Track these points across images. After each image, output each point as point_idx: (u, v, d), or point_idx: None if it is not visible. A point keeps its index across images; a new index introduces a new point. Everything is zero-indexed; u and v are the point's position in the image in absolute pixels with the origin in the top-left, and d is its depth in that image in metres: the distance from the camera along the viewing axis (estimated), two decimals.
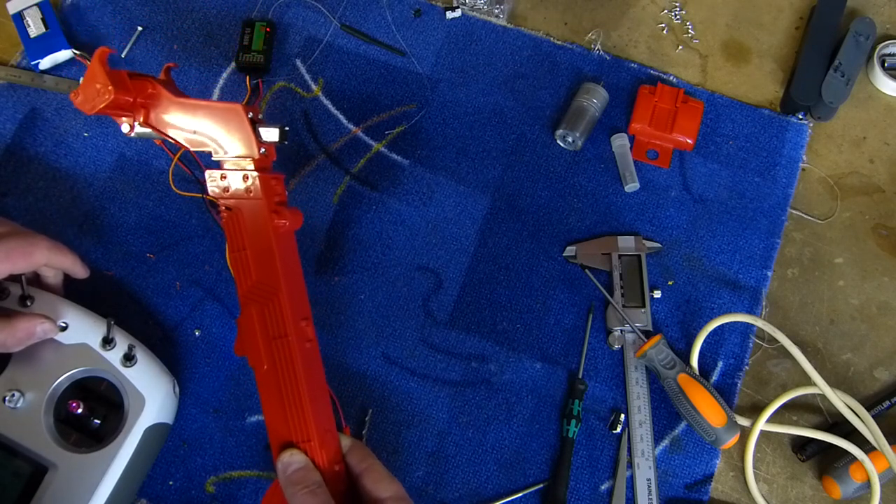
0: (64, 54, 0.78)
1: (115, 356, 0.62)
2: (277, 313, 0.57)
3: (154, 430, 0.63)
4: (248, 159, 0.59)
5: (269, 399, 0.56)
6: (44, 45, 0.77)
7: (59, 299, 0.64)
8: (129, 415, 0.61)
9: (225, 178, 0.59)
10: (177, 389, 0.66)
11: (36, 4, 0.79)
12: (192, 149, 0.60)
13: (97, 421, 0.62)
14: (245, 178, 0.59)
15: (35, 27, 0.78)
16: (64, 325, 0.62)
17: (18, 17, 0.78)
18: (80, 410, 0.61)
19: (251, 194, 0.58)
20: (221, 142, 0.59)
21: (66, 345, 0.62)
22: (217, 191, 0.59)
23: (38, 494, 0.58)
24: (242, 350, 0.57)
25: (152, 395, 0.62)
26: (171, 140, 0.60)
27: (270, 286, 0.57)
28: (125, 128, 0.61)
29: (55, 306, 0.63)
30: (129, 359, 0.62)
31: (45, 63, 0.78)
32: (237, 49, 0.78)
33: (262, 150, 0.59)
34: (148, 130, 0.60)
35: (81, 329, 0.62)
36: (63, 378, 0.61)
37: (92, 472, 0.59)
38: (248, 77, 0.78)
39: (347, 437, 0.58)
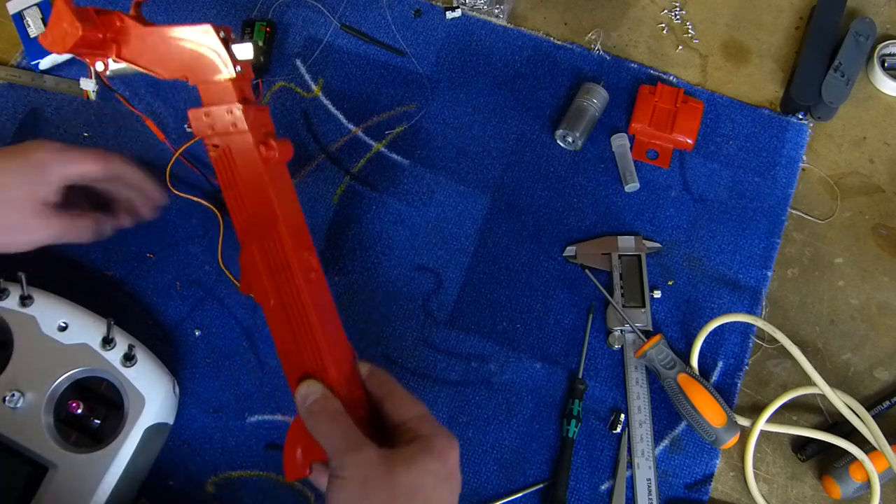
0: (64, 55, 0.78)
1: (115, 356, 0.62)
2: (278, 246, 0.55)
3: (154, 430, 0.63)
4: (229, 88, 0.57)
5: (280, 334, 0.55)
6: (42, 48, 0.77)
7: (59, 299, 0.64)
8: (129, 415, 0.61)
9: (209, 115, 0.57)
10: (177, 389, 0.66)
11: (36, 4, 0.79)
12: (168, 77, 0.59)
13: (97, 421, 0.62)
14: (229, 111, 0.57)
15: (35, 27, 0.78)
16: (64, 324, 0.62)
17: (18, 18, 0.78)
18: (80, 410, 0.61)
19: (236, 128, 0.57)
20: (196, 65, 0.58)
21: (66, 345, 0.62)
22: (203, 129, 0.57)
23: (39, 494, 0.58)
24: (248, 288, 0.56)
25: (152, 395, 0.62)
26: (147, 72, 0.59)
27: (267, 218, 0.56)
28: (100, 66, 0.60)
29: (55, 306, 0.63)
30: (129, 359, 0.62)
31: (45, 63, 0.78)
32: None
33: (238, 68, 0.57)
34: (122, 65, 0.59)
35: (81, 329, 0.62)
36: (63, 378, 0.61)
37: (92, 472, 0.59)
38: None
39: (366, 364, 0.56)
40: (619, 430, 0.67)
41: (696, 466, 0.67)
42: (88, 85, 0.76)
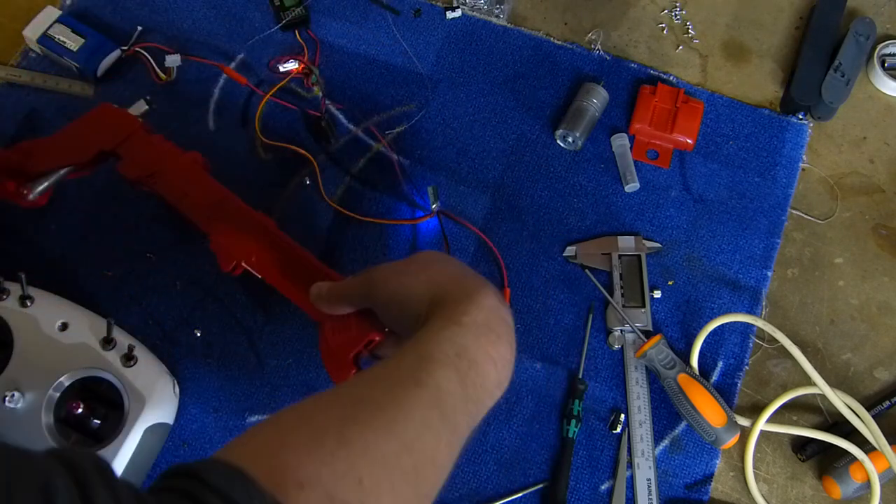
0: (114, 55, 0.77)
1: (115, 356, 0.62)
2: (240, 212, 0.65)
3: (154, 430, 0.63)
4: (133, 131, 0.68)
5: (280, 273, 0.62)
6: (92, 55, 0.76)
7: (59, 299, 0.64)
8: (130, 415, 0.61)
9: (129, 161, 0.67)
10: (177, 389, 0.66)
11: (57, 22, 0.77)
12: (90, 159, 0.67)
13: (97, 421, 0.62)
14: (141, 148, 0.68)
15: (72, 41, 0.76)
16: (64, 324, 0.62)
17: (48, 41, 0.76)
18: (79, 410, 0.61)
19: (156, 155, 0.67)
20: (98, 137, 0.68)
21: (66, 345, 0.62)
22: (135, 175, 0.66)
23: None
24: (230, 263, 0.62)
25: (152, 395, 0.62)
26: (68, 169, 0.67)
27: (219, 199, 0.65)
28: (30, 197, 0.67)
29: (55, 306, 0.63)
30: (129, 359, 0.62)
31: (101, 69, 0.77)
32: (274, 11, 0.80)
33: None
34: (41, 185, 0.67)
35: (81, 329, 0.62)
36: (63, 378, 0.61)
37: None
38: (297, 32, 0.80)
39: None
40: (619, 430, 0.67)
41: (696, 466, 0.67)
42: (175, 62, 0.78)
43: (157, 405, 0.62)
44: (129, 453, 0.60)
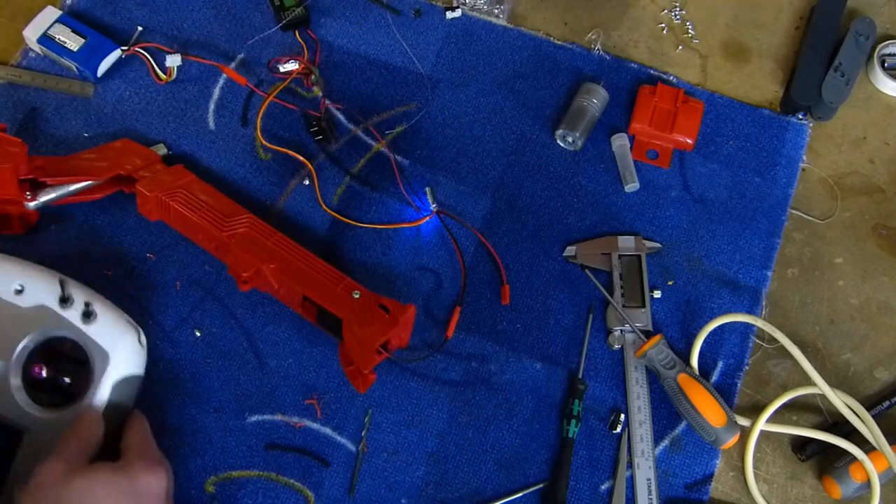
0: (114, 55, 0.77)
1: (74, 315, 0.61)
2: (250, 224, 0.68)
3: (124, 384, 0.62)
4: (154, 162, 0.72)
5: (304, 282, 0.65)
6: (92, 55, 0.76)
7: (10, 260, 0.63)
8: (96, 372, 0.60)
9: (149, 187, 0.70)
10: (143, 339, 0.65)
11: (57, 21, 0.77)
12: (105, 177, 0.70)
13: (66, 379, 0.61)
14: (156, 174, 0.71)
15: (72, 42, 0.76)
16: (20, 286, 0.61)
17: (48, 41, 0.76)
18: (44, 374, 0.61)
19: (174, 178, 0.71)
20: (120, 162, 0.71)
21: (24, 308, 0.61)
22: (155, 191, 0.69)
23: (18, 458, 0.58)
24: (250, 283, 0.67)
25: (116, 350, 0.61)
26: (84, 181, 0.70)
27: (232, 212, 0.69)
28: (31, 205, 0.68)
29: (8, 270, 0.62)
30: (87, 315, 0.61)
31: (101, 70, 0.77)
32: (274, 11, 0.80)
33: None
34: (48, 196, 0.69)
35: (37, 290, 0.62)
36: (25, 342, 0.60)
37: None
38: (297, 32, 0.80)
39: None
40: (619, 430, 0.67)
41: (696, 466, 0.67)
42: (175, 61, 0.77)
43: (122, 359, 0.62)
44: (101, 409, 0.60)
